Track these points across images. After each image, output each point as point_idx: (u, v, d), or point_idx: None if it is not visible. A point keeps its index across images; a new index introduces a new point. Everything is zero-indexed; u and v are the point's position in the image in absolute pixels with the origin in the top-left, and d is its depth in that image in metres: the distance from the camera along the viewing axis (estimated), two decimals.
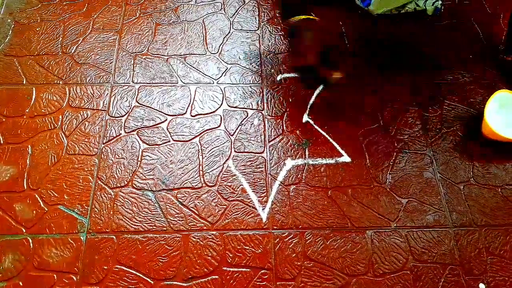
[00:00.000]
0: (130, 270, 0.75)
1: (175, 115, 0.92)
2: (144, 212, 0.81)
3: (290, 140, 0.90)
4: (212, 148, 0.88)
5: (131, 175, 0.85)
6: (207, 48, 1.03)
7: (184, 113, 0.92)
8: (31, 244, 0.77)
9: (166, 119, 0.91)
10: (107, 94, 0.95)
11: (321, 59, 0.83)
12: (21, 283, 0.73)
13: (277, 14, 1.01)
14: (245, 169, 0.86)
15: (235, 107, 0.94)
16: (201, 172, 0.85)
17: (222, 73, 0.99)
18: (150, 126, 0.91)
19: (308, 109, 0.94)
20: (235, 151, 0.88)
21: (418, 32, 1.07)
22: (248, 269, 0.76)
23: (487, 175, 0.87)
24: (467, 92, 0.97)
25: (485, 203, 0.84)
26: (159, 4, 1.10)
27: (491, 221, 0.82)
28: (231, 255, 0.77)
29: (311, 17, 0.82)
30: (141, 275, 0.75)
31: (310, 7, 1.09)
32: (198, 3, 1.11)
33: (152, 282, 0.74)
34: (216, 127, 0.91)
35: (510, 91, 0.92)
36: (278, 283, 0.75)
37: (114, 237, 0.78)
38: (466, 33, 1.07)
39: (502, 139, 0.86)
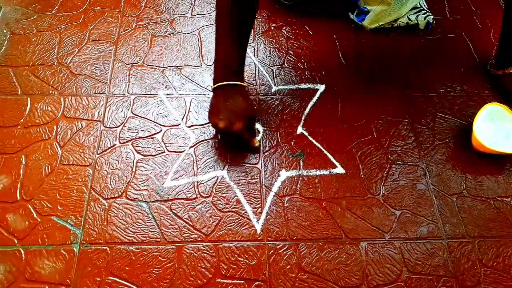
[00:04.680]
0: (123, 282, 0.74)
1: (170, 126, 0.92)
2: (138, 223, 0.80)
3: (285, 151, 0.90)
4: (207, 159, 0.88)
5: (125, 185, 0.84)
6: (203, 60, 1.04)
7: (179, 124, 0.93)
8: (23, 255, 0.76)
9: (161, 130, 0.92)
10: (102, 104, 0.95)
11: None
12: None
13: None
14: (239, 180, 0.86)
15: None
16: (195, 183, 0.85)
17: None
18: (145, 137, 0.91)
19: (302, 120, 0.94)
20: (229, 162, 0.88)
21: (410, 45, 1.09)
22: (242, 281, 0.75)
23: (480, 187, 0.88)
24: (458, 105, 0.99)
25: (478, 215, 0.84)
26: (155, 16, 1.11)
27: (484, 233, 0.82)
28: (225, 267, 0.77)
29: None
30: (134, 287, 0.74)
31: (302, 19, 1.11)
32: (194, 16, 1.12)
33: None
34: (211, 138, 0.91)
35: (499, 103, 0.93)
36: None
37: (107, 248, 0.77)
38: (457, 47, 1.09)
39: (489, 151, 0.87)
